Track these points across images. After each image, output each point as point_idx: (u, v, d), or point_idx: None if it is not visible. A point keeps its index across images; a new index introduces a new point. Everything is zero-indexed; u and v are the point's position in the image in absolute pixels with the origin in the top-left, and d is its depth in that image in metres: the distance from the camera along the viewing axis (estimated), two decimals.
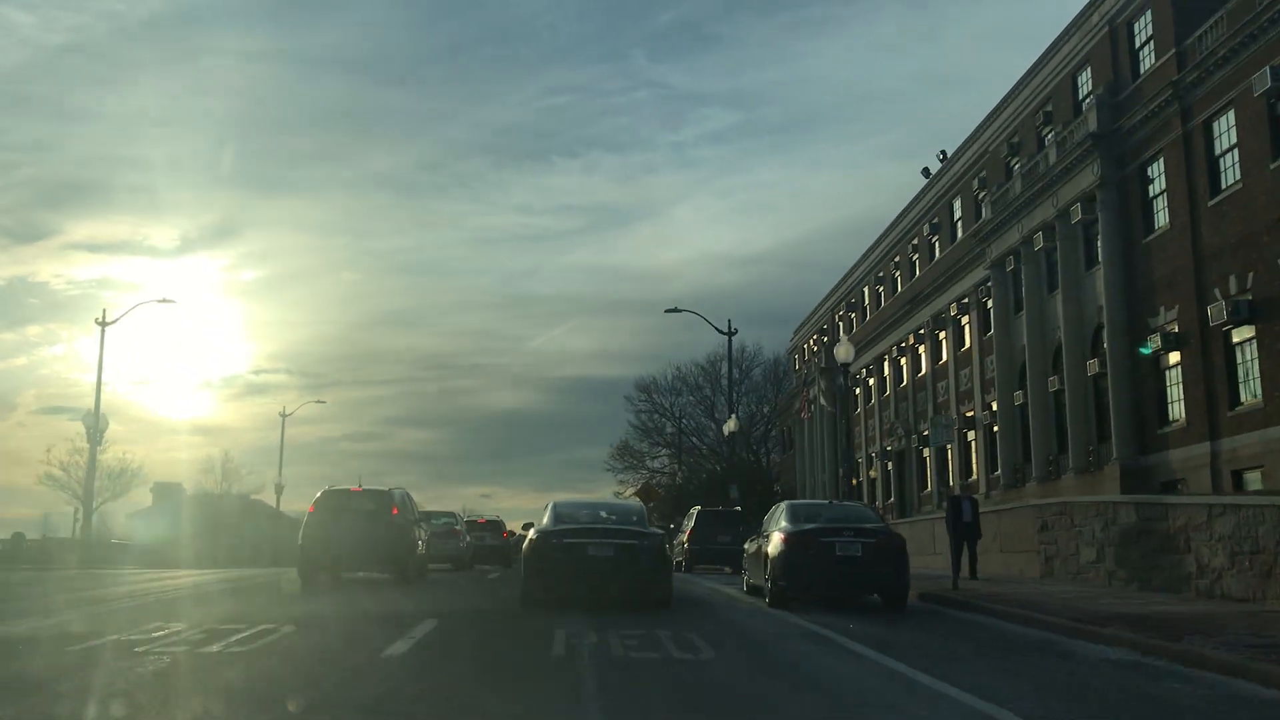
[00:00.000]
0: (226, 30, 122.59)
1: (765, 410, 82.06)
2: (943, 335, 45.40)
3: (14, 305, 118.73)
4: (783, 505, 16.98)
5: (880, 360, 53.51)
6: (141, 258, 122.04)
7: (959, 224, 43.92)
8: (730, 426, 38.52)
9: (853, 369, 58.28)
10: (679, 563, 30.72)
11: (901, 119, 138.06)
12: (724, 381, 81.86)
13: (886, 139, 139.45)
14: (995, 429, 39.50)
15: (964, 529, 20.21)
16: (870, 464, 55.56)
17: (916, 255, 48.55)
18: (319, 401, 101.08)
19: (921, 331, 47.17)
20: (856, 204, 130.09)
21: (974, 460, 42.14)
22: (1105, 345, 31.19)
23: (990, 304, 39.88)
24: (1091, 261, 32.85)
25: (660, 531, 16.50)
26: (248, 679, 8.12)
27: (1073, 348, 33.06)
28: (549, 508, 16.03)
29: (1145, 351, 29.37)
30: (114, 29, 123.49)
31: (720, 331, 40.34)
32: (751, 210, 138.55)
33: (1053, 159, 33.80)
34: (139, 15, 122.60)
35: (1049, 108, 35.74)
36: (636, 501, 33.35)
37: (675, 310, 39.93)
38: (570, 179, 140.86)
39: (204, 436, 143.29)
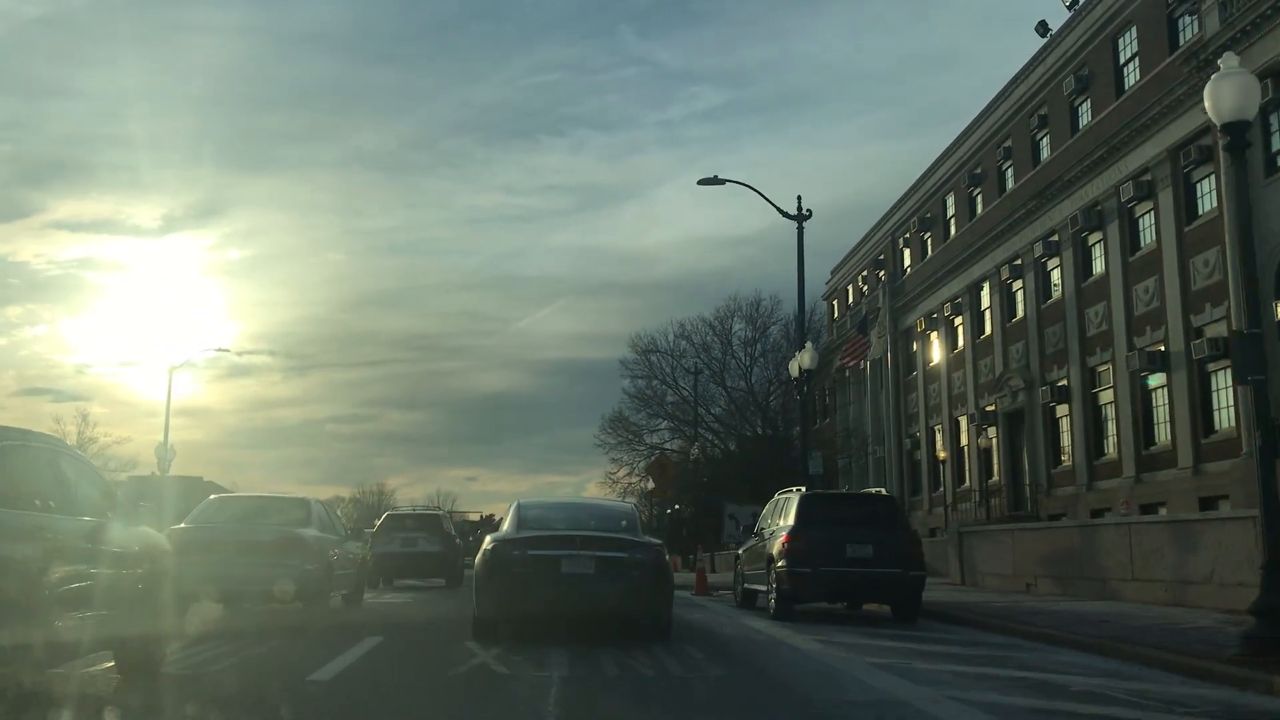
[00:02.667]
0: (208, 5, 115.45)
1: (785, 376, 68.11)
2: (1094, 238, 31.18)
3: None
4: None
5: (975, 289, 39.26)
6: (124, 237, 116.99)
7: (1132, 67, 29.64)
8: (804, 361, 24.24)
9: (927, 308, 44.17)
10: (760, 594, 16.43)
11: (893, 98, 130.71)
12: (734, 341, 67.81)
13: (878, 118, 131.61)
14: (1214, 369, 25.45)
15: None
16: (957, 431, 41.37)
17: (1046, 131, 34.14)
18: (222, 350, 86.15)
19: (1054, 238, 32.90)
20: (848, 184, 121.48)
21: (1166, 420, 27.90)
22: None
23: (1210, 172, 25.70)
24: None
25: (658, 542, 11.88)
26: None
27: None
28: (512, 508, 12.31)
29: None
30: (93, 2, 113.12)
31: (785, 214, 26.15)
32: (741, 191, 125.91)
33: None
34: None
35: None
36: (626, 504, 22.03)
37: (715, 181, 25.76)
38: (557, 158, 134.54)
39: (187, 419, 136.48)
